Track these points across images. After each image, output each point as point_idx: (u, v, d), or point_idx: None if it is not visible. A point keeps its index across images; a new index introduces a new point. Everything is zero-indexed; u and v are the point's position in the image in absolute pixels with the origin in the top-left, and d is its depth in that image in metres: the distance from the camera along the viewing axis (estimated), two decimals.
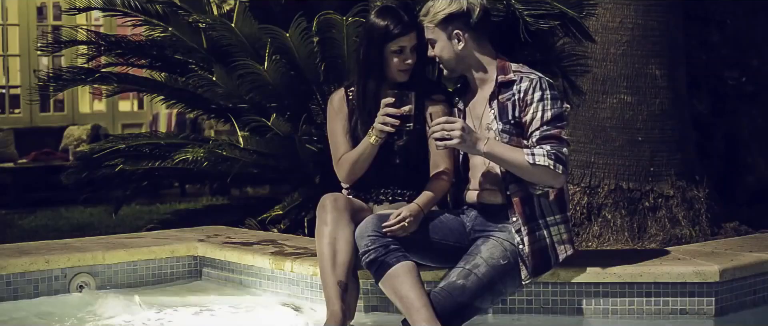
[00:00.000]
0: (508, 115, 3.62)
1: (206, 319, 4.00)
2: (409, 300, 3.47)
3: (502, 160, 3.56)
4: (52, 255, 4.32)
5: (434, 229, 3.68)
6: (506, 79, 3.66)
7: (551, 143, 3.55)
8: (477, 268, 3.56)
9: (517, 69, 3.69)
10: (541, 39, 4.67)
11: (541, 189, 3.63)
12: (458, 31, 3.67)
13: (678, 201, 6.01)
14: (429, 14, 3.70)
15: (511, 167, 3.56)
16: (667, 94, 6.11)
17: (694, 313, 3.71)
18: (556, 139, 3.56)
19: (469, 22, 3.67)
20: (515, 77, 3.65)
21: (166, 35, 5.53)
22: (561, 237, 3.66)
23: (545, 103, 3.59)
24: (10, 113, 12.32)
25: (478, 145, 3.52)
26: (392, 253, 3.51)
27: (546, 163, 3.52)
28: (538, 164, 3.52)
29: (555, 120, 3.58)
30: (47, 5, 12.77)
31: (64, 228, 8.15)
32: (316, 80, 5.11)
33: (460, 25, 3.67)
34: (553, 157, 3.53)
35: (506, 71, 3.68)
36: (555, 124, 3.58)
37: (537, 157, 3.52)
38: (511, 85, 3.65)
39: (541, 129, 3.57)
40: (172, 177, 6.63)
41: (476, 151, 3.54)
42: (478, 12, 3.68)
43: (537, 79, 3.62)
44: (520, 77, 3.64)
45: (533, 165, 3.52)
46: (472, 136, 3.51)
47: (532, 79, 3.62)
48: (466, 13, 3.67)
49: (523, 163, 3.53)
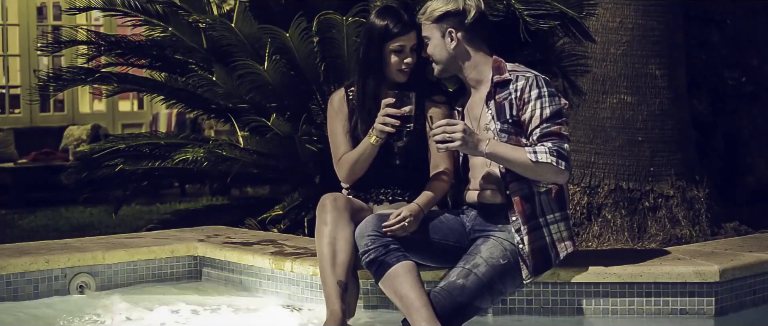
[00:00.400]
0: (506, 115, 3.63)
1: (206, 319, 4.00)
2: (409, 299, 3.47)
3: (505, 160, 3.56)
4: (52, 255, 4.32)
5: (434, 229, 3.68)
6: (502, 78, 3.67)
7: (552, 140, 3.55)
8: (477, 268, 3.56)
9: (512, 68, 3.69)
10: (541, 39, 4.67)
11: (545, 186, 3.63)
12: (452, 30, 3.68)
13: (678, 201, 6.01)
14: (426, 12, 3.71)
15: (514, 166, 3.57)
16: (667, 94, 6.12)
17: (694, 313, 3.71)
18: (556, 136, 3.57)
19: (463, 21, 3.69)
20: (511, 76, 3.66)
21: (166, 35, 5.53)
22: (561, 234, 3.66)
23: (543, 101, 3.59)
24: (10, 113, 12.32)
25: (480, 146, 3.52)
26: (392, 253, 3.51)
27: (548, 160, 3.52)
28: (540, 162, 3.52)
29: (554, 116, 3.59)
30: (47, 5, 12.76)
31: (64, 228, 8.15)
32: (316, 80, 5.11)
33: (455, 24, 3.69)
34: (555, 153, 3.53)
35: (502, 71, 3.69)
36: (554, 120, 3.58)
37: (539, 154, 3.52)
38: (507, 84, 3.65)
39: (541, 127, 3.57)
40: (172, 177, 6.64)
41: (478, 152, 3.54)
42: (474, 14, 3.69)
43: (533, 77, 3.63)
44: (515, 76, 3.65)
45: (536, 163, 3.52)
46: (474, 138, 3.51)
47: (527, 77, 3.63)
48: (461, 13, 3.69)
49: (525, 161, 3.53)
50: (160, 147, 5.41)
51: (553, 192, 3.65)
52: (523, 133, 3.61)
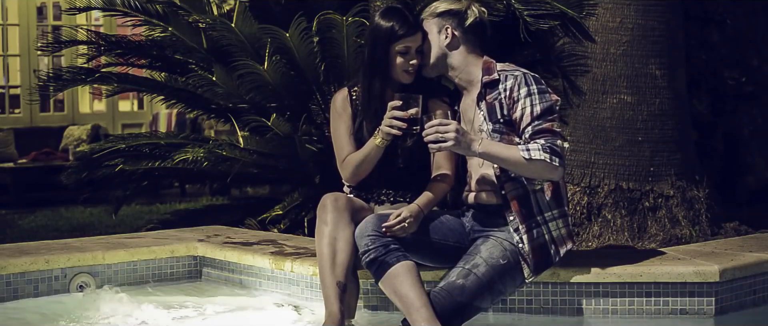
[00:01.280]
0: (497, 115, 3.64)
1: (206, 319, 4.00)
2: (409, 299, 3.48)
3: (498, 159, 3.56)
4: (52, 255, 4.32)
5: (434, 229, 3.68)
6: (491, 78, 3.68)
7: (545, 136, 3.55)
8: (477, 268, 3.56)
9: (501, 68, 3.70)
10: (541, 39, 4.67)
11: (540, 184, 3.63)
12: (448, 27, 3.70)
13: (678, 201, 6.00)
14: (429, 9, 3.74)
15: (507, 165, 3.57)
16: (667, 94, 6.11)
17: (694, 313, 3.71)
18: (548, 132, 3.57)
19: (461, 23, 3.72)
20: (500, 76, 3.67)
21: (166, 35, 5.54)
22: (560, 232, 3.66)
23: (533, 98, 3.59)
24: (10, 113, 12.32)
25: (472, 146, 3.52)
26: (392, 253, 3.52)
27: (542, 157, 3.52)
28: (534, 159, 3.52)
29: (545, 113, 3.59)
30: (47, 5, 12.76)
31: (64, 228, 8.15)
32: (316, 80, 5.11)
33: (452, 23, 3.71)
34: (548, 150, 3.53)
35: (491, 71, 3.70)
36: (546, 117, 3.58)
37: (532, 152, 3.52)
38: (496, 84, 3.67)
39: (532, 124, 3.58)
40: (172, 177, 6.63)
41: (471, 152, 3.54)
42: (473, 19, 3.72)
43: (521, 75, 3.63)
44: (504, 75, 3.66)
45: (529, 160, 3.52)
46: (467, 138, 3.51)
47: (516, 75, 3.64)
48: (462, 14, 3.72)
49: (519, 159, 3.53)
50: (160, 147, 5.41)
51: (549, 190, 3.65)
52: (515, 132, 3.62)
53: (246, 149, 5.07)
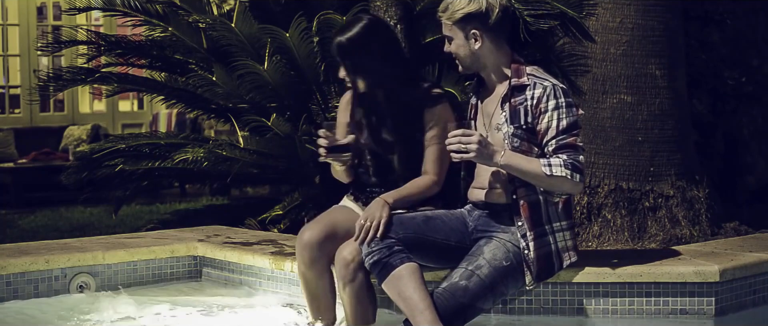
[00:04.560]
0: (520, 120, 3.59)
1: (206, 319, 4.00)
2: (413, 301, 3.47)
3: (519, 172, 3.53)
4: (52, 255, 4.32)
5: (436, 229, 3.67)
6: (519, 82, 3.62)
7: (567, 152, 3.53)
8: (479, 269, 3.55)
9: (531, 73, 3.64)
10: (541, 39, 4.67)
11: (558, 196, 3.62)
12: (476, 31, 3.62)
13: (678, 201, 6.00)
14: (447, 11, 3.64)
15: (528, 178, 3.55)
16: (667, 94, 6.11)
17: (694, 313, 3.71)
18: (571, 148, 3.54)
19: (487, 22, 3.62)
20: (529, 81, 3.61)
21: (166, 35, 5.54)
22: (566, 243, 3.65)
23: (560, 112, 3.55)
24: (10, 113, 12.32)
25: (495, 157, 3.50)
26: (396, 254, 3.51)
27: (563, 174, 3.50)
28: (555, 175, 3.50)
29: (570, 128, 3.56)
30: (47, 5, 12.76)
31: (64, 228, 8.15)
32: (316, 80, 5.11)
33: (478, 25, 3.62)
34: (569, 166, 3.51)
35: (520, 74, 3.64)
36: (570, 132, 3.55)
37: (554, 168, 3.50)
38: (523, 89, 3.61)
39: (556, 138, 3.54)
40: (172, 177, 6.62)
41: (493, 163, 3.51)
42: (497, 13, 3.63)
43: (551, 87, 3.58)
44: (533, 82, 3.60)
45: (550, 176, 3.50)
46: (489, 149, 3.49)
47: (545, 86, 3.58)
48: (484, 14, 3.61)
49: (540, 174, 3.51)
50: (160, 147, 5.42)
51: (561, 201, 3.64)
52: (535, 141, 3.59)
53: (246, 149, 5.07)
